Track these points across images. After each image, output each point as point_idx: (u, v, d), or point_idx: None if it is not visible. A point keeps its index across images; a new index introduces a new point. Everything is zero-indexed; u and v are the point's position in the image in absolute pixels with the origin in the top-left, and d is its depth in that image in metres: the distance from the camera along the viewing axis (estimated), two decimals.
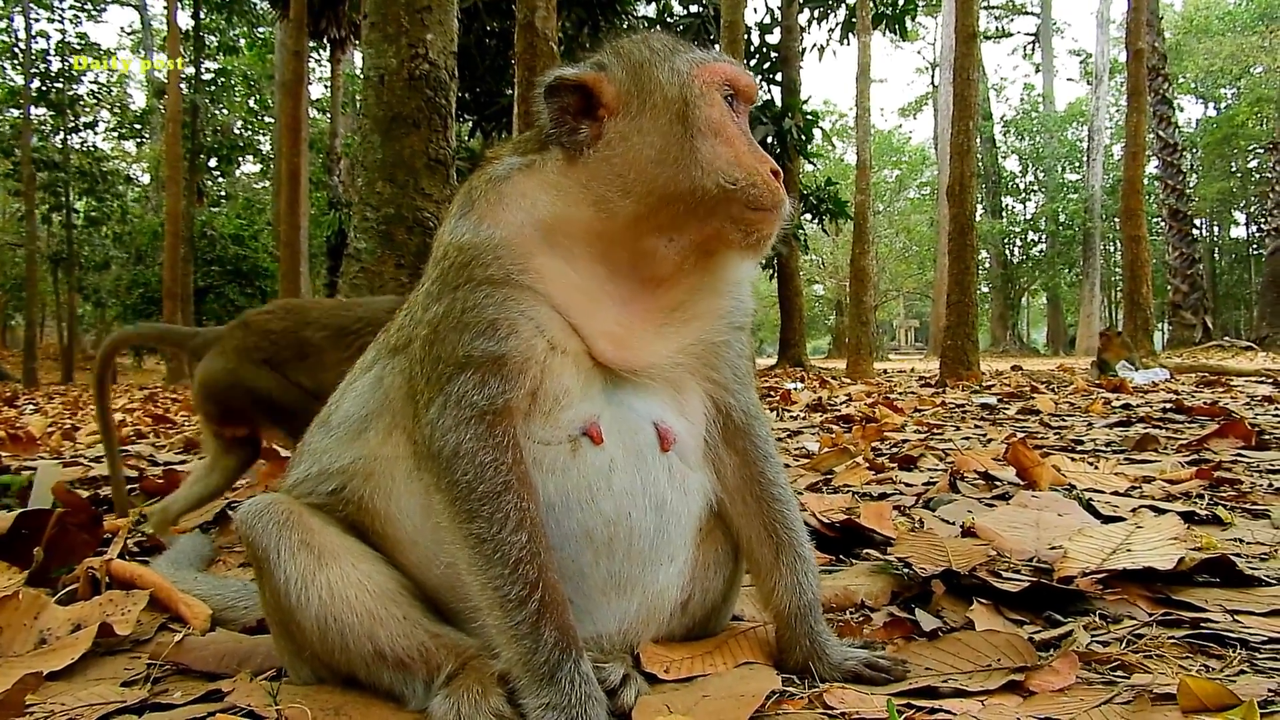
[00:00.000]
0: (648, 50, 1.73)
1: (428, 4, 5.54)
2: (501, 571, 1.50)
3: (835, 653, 1.76)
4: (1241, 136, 52.31)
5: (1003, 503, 3.34)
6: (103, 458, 4.21)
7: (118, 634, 2.00)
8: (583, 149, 1.66)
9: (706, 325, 1.77)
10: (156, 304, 33.57)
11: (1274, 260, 33.15)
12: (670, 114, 1.64)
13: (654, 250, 1.66)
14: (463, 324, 1.60)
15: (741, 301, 1.84)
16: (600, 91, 1.68)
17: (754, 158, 1.65)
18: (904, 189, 72.91)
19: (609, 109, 1.68)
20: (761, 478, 1.83)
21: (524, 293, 1.61)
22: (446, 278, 1.65)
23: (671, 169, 1.61)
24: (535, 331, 1.61)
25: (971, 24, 15.87)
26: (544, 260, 1.64)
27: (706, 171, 1.61)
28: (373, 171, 5.53)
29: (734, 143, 1.65)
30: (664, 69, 1.69)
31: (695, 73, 1.68)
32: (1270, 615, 1.95)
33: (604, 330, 1.66)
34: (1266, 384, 11.21)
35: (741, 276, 1.84)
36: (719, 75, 1.70)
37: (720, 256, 1.72)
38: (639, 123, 1.65)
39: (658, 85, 1.67)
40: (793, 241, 27.75)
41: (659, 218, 1.63)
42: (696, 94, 1.66)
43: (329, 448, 1.83)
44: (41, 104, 38.17)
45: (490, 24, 22.11)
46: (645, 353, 1.70)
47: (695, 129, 1.63)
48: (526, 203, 1.67)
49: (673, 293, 1.73)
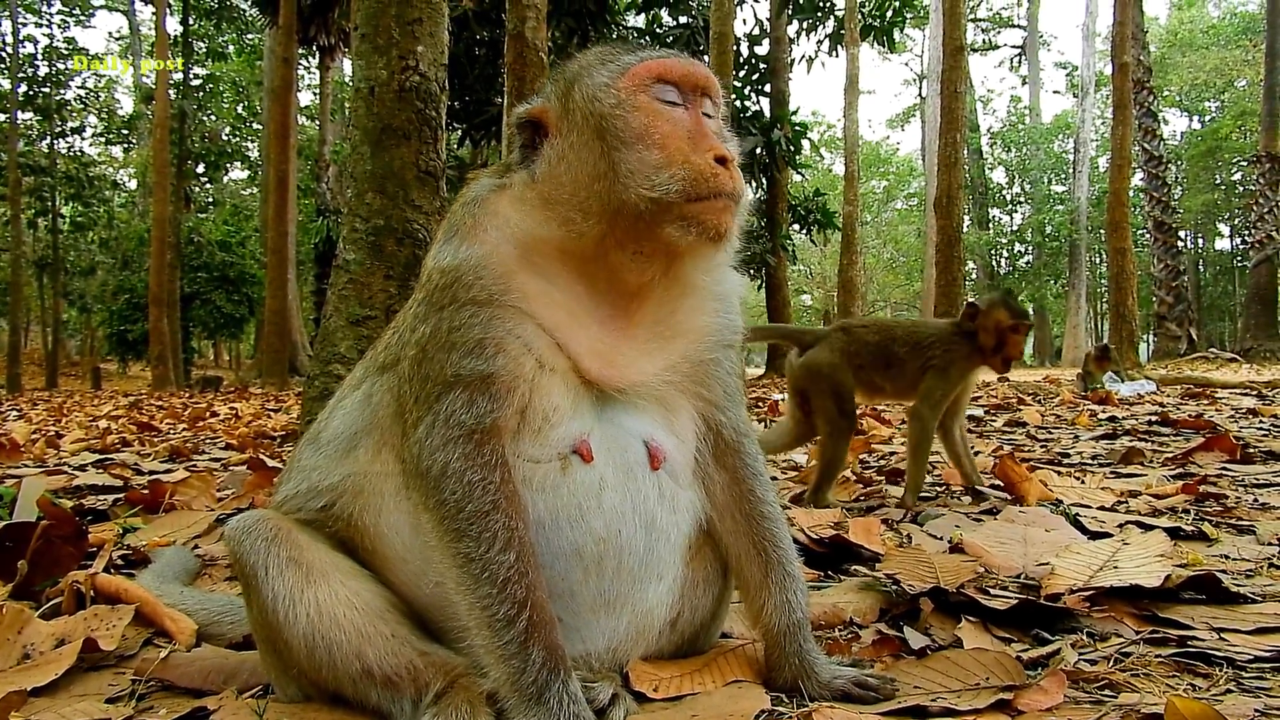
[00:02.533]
0: (577, 68, 1.75)
1: (419, 16, 5.54)
2: (490, 591, 1.50)
3: (824, 671, 1.75)
4: (1225, 149, 52.80)
5: (990, 518, 3.35)
6: (86, 466, 4.18)
7: (102, 649, 1.98)
8: (535, 174, 1.70)
9: (692, 343, 1.77)
10: (142, 310, 33.48)
11: (1258, 272, 33.36)
12: (589, 131, 1.66)
13: (623, 264, 1.66)
14: (450, 343, 1.60)
15: (730, 319, 1.83)
16: (545, 118, 1.71)
17: (689, 150, 1.61)
18: (891, 200, 73.28)
19: (547, 132, 1.71)
20: (751, 495, 1.83)
21: (509, 311, 1.62)
22: (432, 299, 1.66)
23: (604, 184, 1.62)
24: (523, 349, 1.61)
25: (959, 37, 15.97)
26: (525, 279, 1.64)
27: (628, 185, 1.60)
28: (362, 183, 5.52)
29: (664, 144, 1.62)
30: (582, 85, 1.70)
31: (616, 83, 1.67)
32: (1256, 633, 1.96)
33: (590, 348, 1.67)
34: (1251, 396, 11.29)
35: (728, 290, 1.84)
36: (646, 76, 1.67)
37: (689, 262, 1.70)
38: (569, 141, 1.68)
39: (577, 105, 1.69)
40: (780, 252, 27.80)
41: (617, 233, 1.63)
42: (613, 105, 1.65)
43: (319, 465, 1.82)
44: (28, 108, 38.03)
45: (480, 33, 22.14)
46: (632, 370, 1.70)
47: (614, 142, 1.63)
48: (500, 220, 1.69)
49: (650, 307, 1.73)
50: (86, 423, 11.15)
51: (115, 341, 37.68)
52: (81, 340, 54.00)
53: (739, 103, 27.55)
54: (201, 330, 39.02)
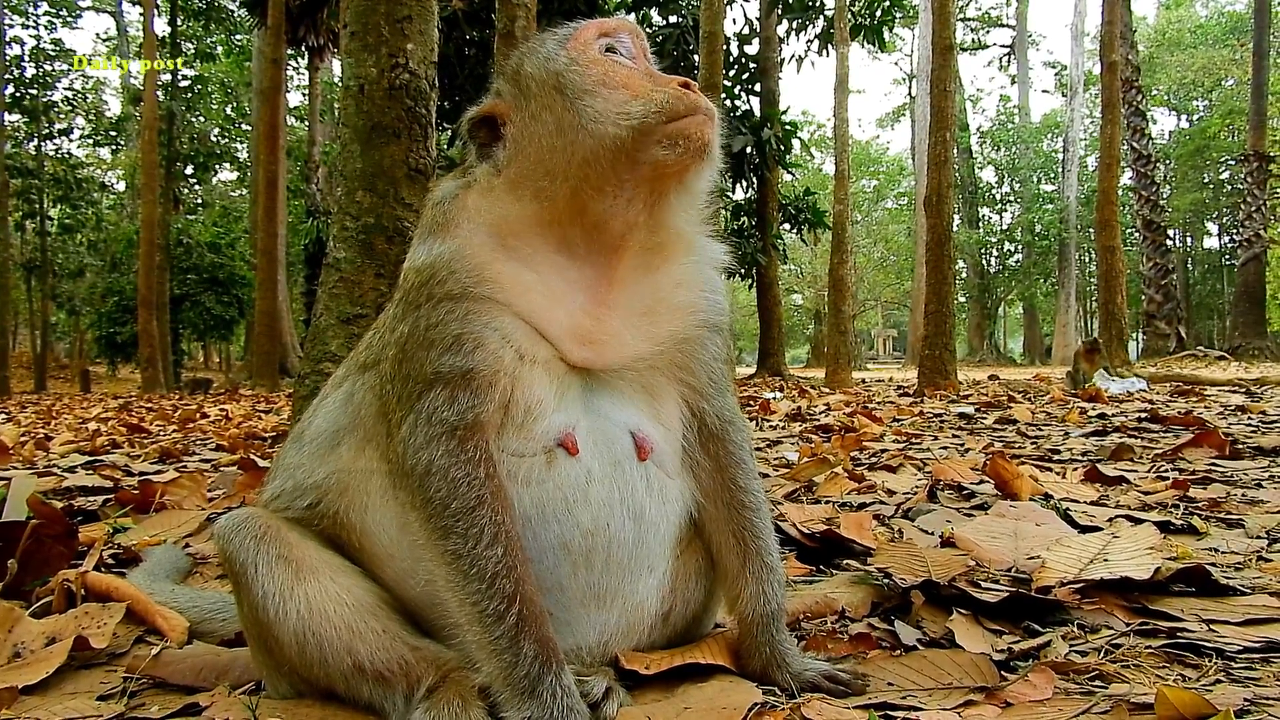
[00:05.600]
0: (520, 52, 1.82)
1: (408, 14, 5.53)
2: (479, 587, 1.50)
3: (795, 663, 1.77)
4: (1214, 148, 53.10)
5: (981, 513, 3.36)
6: (76, 468, 4.16)
7: (94, 647, 1.97)
8: (499, 163, 1.74)
9: (678, 322, 1.77)
10: (131, 312, 33.31)
11: (1246, 271, 33.53)
12: (549, 93, 1.70)
13: (603, 212, 1.67)
14: (428, 341, 1.61)
15: (715, 299, 1.84)
16: (497, 112, 1.76)
17: (651, 84, 1.67)
18: (882, 199, 73.41)
19: (504, 120, 1.75)
20: (733, 484, 1.83)
21: (485, 304, 1.62)
22: (409, 298, 1.68)
23: (572, 134, 1.65)
24: (501, 342, 1.61)
25: (948, 36, 15.98)
26: (500, 267, 1.65)
27: (602, 122, 1.63)
28: (352, 181, 5.50)
29: (626, 83, 1.67)
30: (533, 59, 1.77)
31: (564, 45, 1.75)
32: (1245, 624, 1.97)
33: (572, 326, 1.67)
34: (1239, 393, 11.35)
35: (711, 258, 1.86)
36: (588, 36, 1.76)
37: (673, 198, 1.71)
38: (530, 113, 1.72)
39: (530, 77, 1.75)
40: (771, 251, 27.83)
41: (593, 180, 1.65)
42: (565, 64, 1.71)
43: (302, 463, 1.83)
44: (15, 110, 37.86)
45: (470, 32, 22.12)
46: (615, 345, 1.70)
47: (576, 93, 1.67)
48: (470, 212, 1.71)
49: (632, 259, 1.73)
50: (76, 425, 11.11)
51: (104, 344, 37.53)
52: (70, 343, 53.77)
53: (729, 102, 27.55)
54: (191, 332, 38.88)
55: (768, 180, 27.88)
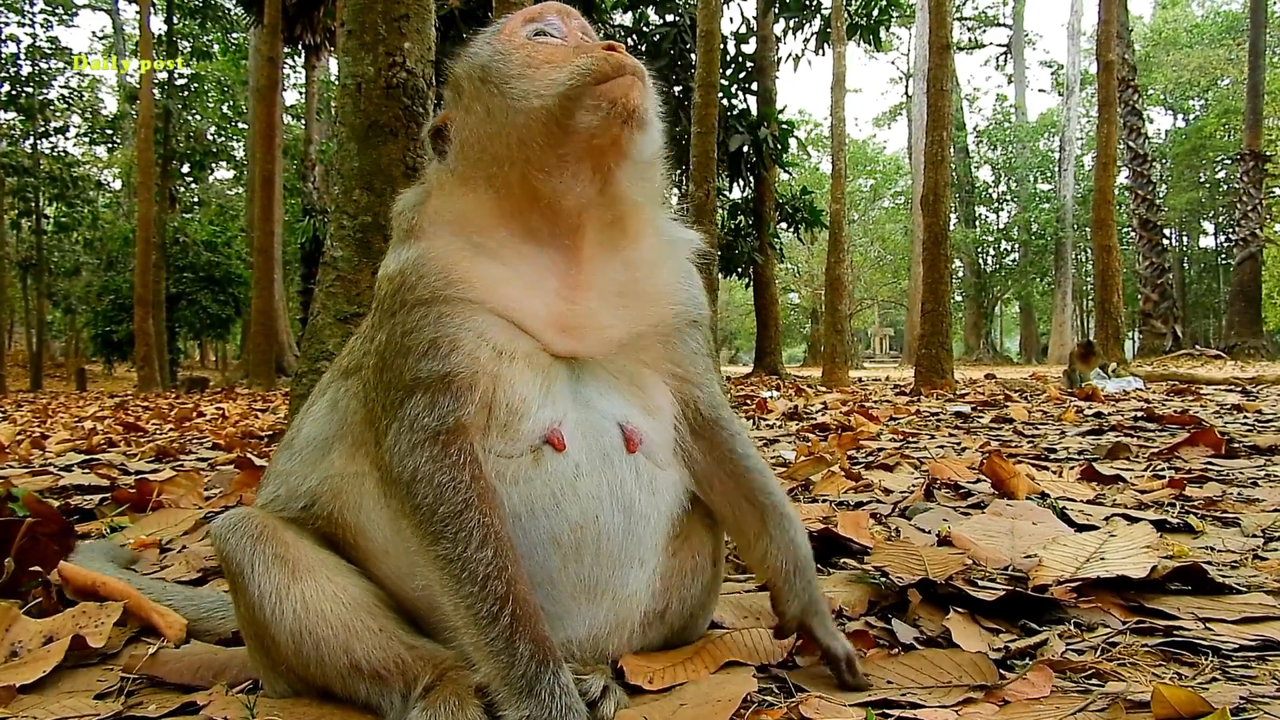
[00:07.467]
0: (457, 57, 1.84)
1: (405, 12, 5.52)
2: (471, 589, 1.50)
3: (830, 622, 1.82)
4: (1210, 148, 53.18)
5: (978, 511, 3.36)
6: (72, 466, 4.16)
7: (91, 646, 1.97)
8: (450, 163, 1.76)
9: (656, 307, 1.77)
10: (127, 310, 33.26)
11: (1241, 270, 33.63)
12: (477, 85, 1.73)
13: (553, 192, 1.66)
14: (405, 348, 1.61)
15: (690, 290, 1.84)
16: (446, 120, 1.80)
17: (575, 54, 1.67)
18: (878, 198, 73.43)
19: (448, 120, 1.79)
20: (733, 454, 1.85)
21: (458, 305, 1.62)
22: (384, 306, 1.68)
23: (504, 117, 1.67)
24: (477, 341, 1.61)
25: (945, 35, 15.99)
26: (468, 265, 1.65)
27: (529, 97, 1.64)
28: (350, 179, 5.50)
29: (550, 59, 1.68)
30: (465, 60, 1.80)
31: (491, 40, 1.78)
32: (1241, 623, 1.97)
33: (549, 314, 1.66)
34: (1235, 392, 11.37)
35: (680, 245, 1.86)
36: (514, 25, 1.78)
37: (619, 171, 1.67)
38: (464, 107, 1.76)
39: (462, 76, 1.78)
40: (768, 250, 27.85)
41: (535, 160, 1.65)
42: (489, 55, 1.74)
43: (294, 470, 1.84)
44: (11, 108, 37.76)
45: (466, 32, 22.06)
46: (594, 329, 1.70)
47: (501, 79, 1.69)
48: (431, 215, 1.72)
49: (593, 234, 1.71)
50: (72, 424, 11.08)
51: (100, 343, 37.45)
52: (66, 342, 53.66)
53: (725, 101, 27.53)
54: (187, 331, 38.83)
55: (764, 179, 27.90)
